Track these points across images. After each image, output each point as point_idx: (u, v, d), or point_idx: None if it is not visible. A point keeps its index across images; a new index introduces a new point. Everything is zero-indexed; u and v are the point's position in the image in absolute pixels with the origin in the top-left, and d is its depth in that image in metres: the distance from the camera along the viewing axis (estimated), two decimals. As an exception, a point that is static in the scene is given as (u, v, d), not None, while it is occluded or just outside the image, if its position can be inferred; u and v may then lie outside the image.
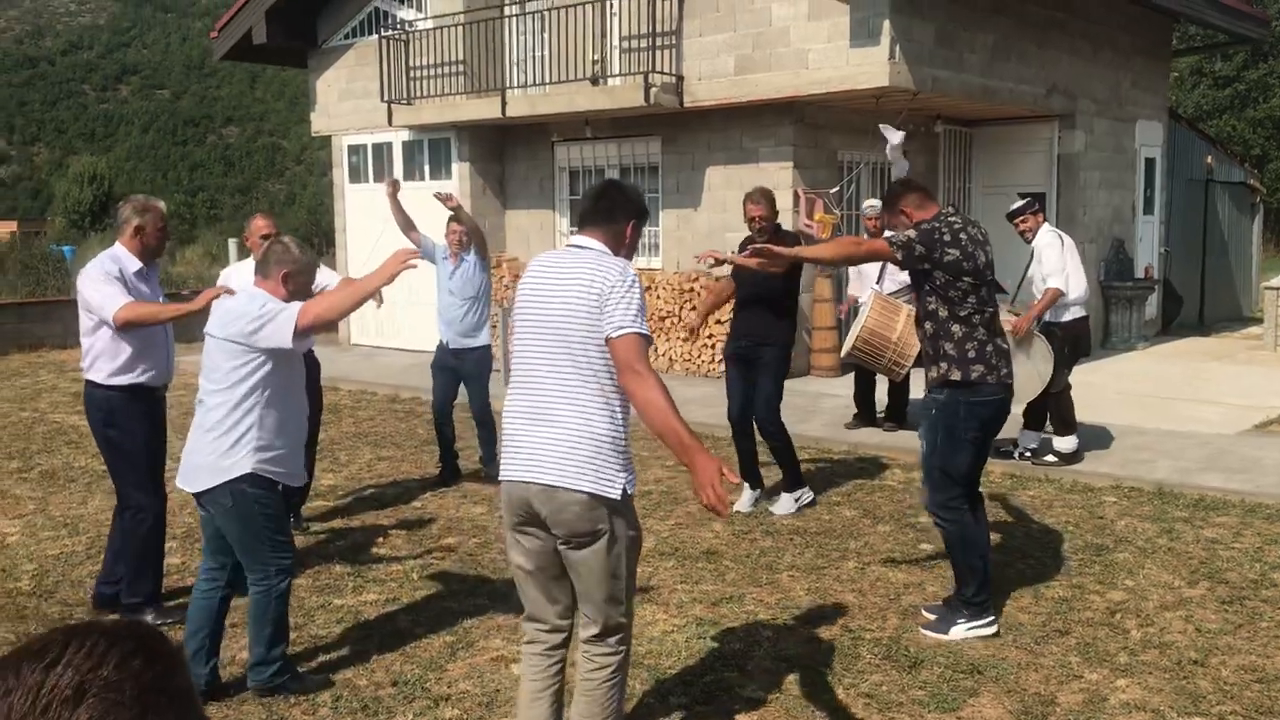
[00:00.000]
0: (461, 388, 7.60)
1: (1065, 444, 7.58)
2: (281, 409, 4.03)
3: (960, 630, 4.72)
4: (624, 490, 3.24)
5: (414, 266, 3.93)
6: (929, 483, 4.87)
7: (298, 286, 4.09)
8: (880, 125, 10.05)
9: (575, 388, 3.20)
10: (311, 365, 6.36)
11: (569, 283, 3.24)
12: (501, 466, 3.33)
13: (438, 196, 7.27)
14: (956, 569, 4.86)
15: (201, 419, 4.04)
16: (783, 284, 6.52)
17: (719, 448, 8.38)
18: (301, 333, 3.87)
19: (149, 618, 4.86)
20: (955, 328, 4.66)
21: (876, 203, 8.91)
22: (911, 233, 4.68)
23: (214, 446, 3.97)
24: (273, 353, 3.93)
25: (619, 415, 3.25)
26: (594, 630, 3.32)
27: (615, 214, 3.41)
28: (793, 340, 6.76)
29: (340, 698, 4.19)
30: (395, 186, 7.22)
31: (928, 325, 4.76)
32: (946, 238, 4.63)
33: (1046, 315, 7.47)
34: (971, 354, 4.64)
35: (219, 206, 73.53)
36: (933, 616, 4.88)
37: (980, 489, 5.00)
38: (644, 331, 3.19)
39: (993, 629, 4.73)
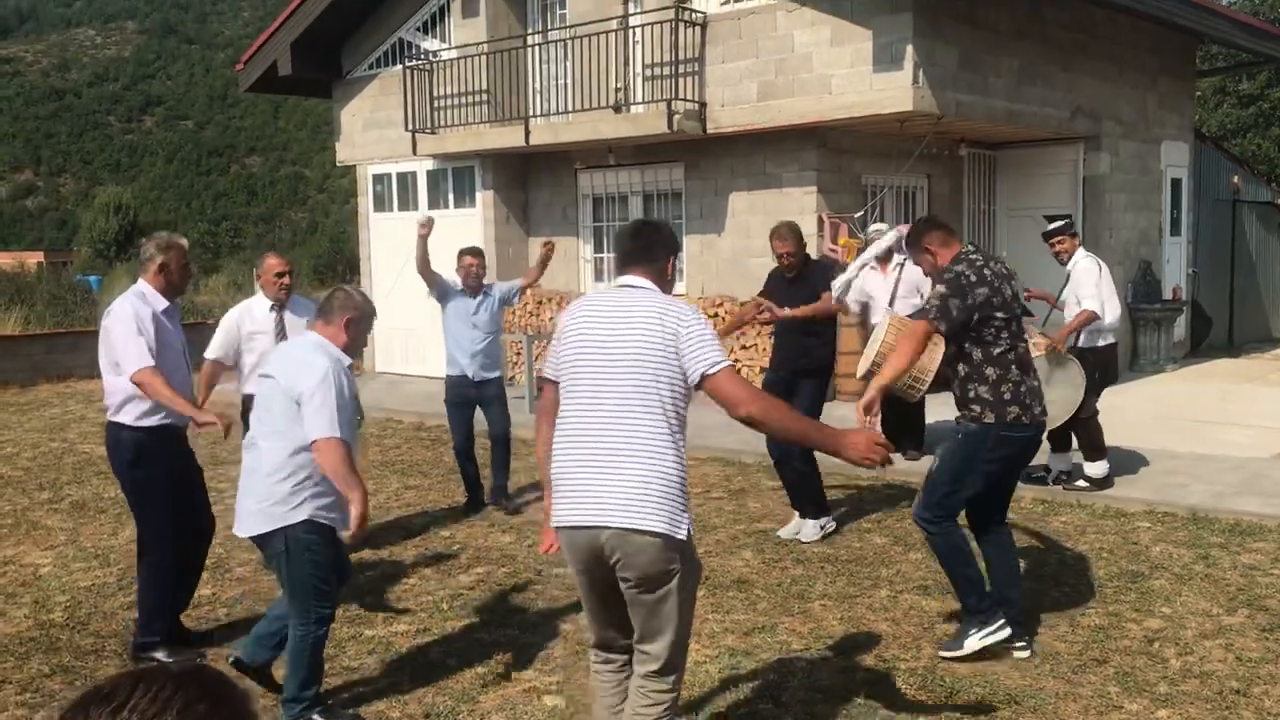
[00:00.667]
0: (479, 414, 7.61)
1: (1096, 469, 7.52)
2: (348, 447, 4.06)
3: (975, 640, 4.67)
4: (689, 530, 3.25)
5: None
6: (924, 493, 4.80)
7: (358, 333, 4.17)
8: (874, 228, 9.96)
9: (646, 428, 3.19)
10: None
11: (635, 323, 3.25)
12: (561, 512, 3.28)
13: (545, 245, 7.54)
14: (954, 582, 4.82)
15: (255, 463, 4.06)
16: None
17: (748, 474, 8.35)
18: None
19: (160, 656, 4.88)
20: (989, 370, 4.62)
21: (883, 226, 8.92)
22: (941, 289, 4.61)
23: (270, 493, 3.99)
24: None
25: (683, 455, 3.28)
26: (654, 667, 3.31)
27: (655, 251, 3.47)
28: (832, 369, 6.78)
29: (373, 731, 4.18)
30: (428, 227, 7.21)
31: (961, 367, 4.70)
32: (973, 278, 4.60)
33: (1081, 340, 7.44)
34: (1007, 395, 4.61)
35: (242, 235, 74.20)
36: (951, 636, 4.89)
37: (1010, 516, 4.96)
38: (731, 362, 3.26)
39: (1006, 632, 4.67)
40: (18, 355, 14.86)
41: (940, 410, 7.76)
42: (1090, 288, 7.37)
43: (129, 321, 4.72)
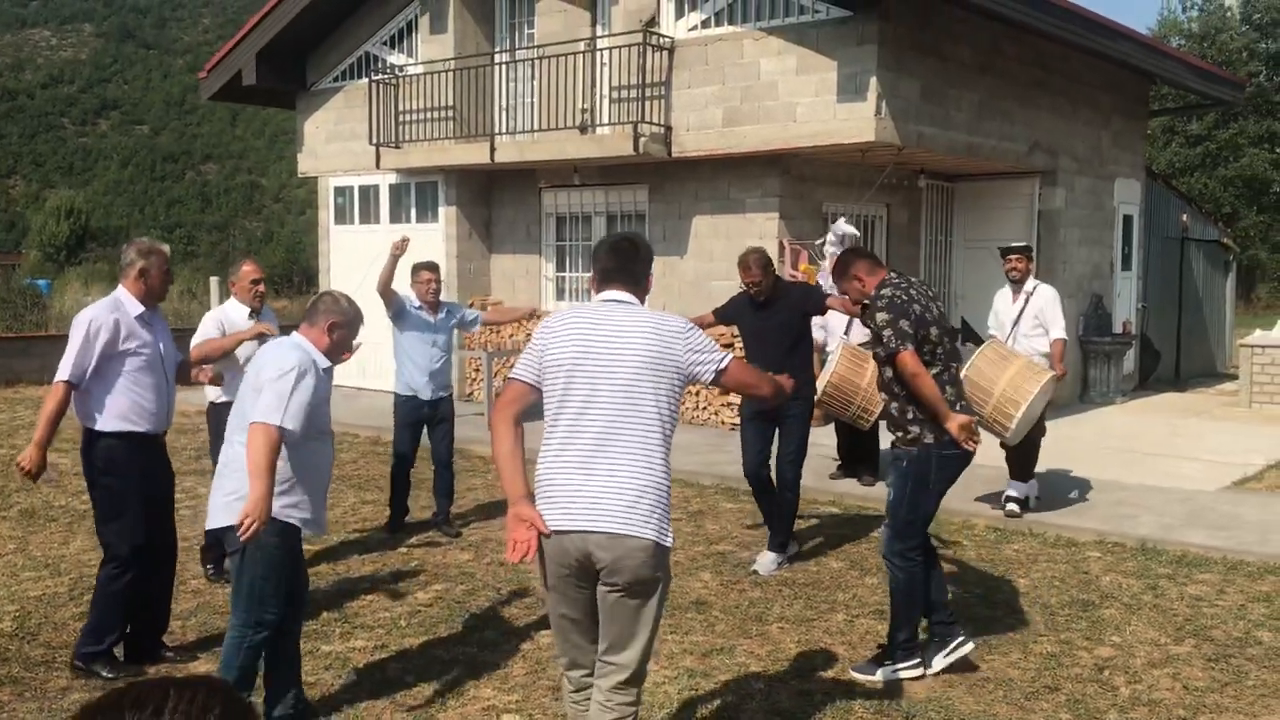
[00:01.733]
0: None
1: (1029, 489, 7.78)
2: (306, 455, 4.07)
3: (887, 672, 4.84)
4: (670, 540, 3.39)
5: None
6: (890, 529, 4.92)
7: (341, 338, 4.21)
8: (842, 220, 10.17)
9: (639, 437, 3.31)
10: None
11: (629, 336, 3.36)
12: (552, 515, 3.31)
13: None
14: (895, 613, 4.94)
15: (230, 460, 4.08)
16: (795, 340, 6.54)
17: (706, 496, 8.39)
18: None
19: (99, 668, 4.79)
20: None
21: (849, 228, 9.02)
22: (883, 316, 4.71)
23: (238, 487, 4.00)
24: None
25: (669, 467, 3.41)
26: (622, 677, 3.37)
27: (637, 267, 3.59)
28: (813, 394, 6.84)
29: (331, 747, 4.15)
30: (403, 248, 7.04)
31: (898, 389, 4.80)
32: (903, 298, 4.74)
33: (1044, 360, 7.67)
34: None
35: (196, 243, 73.33)
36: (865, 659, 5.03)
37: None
38: (733, 355, 3.50)
39: (918, 671, 4.84)
40: (-35, 359, 14.57)
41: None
42: (1059, 316, 7.76)
43: (80, 330, 4.72)
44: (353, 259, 14.18)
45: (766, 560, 6.54)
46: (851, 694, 4.67)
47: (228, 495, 4.05)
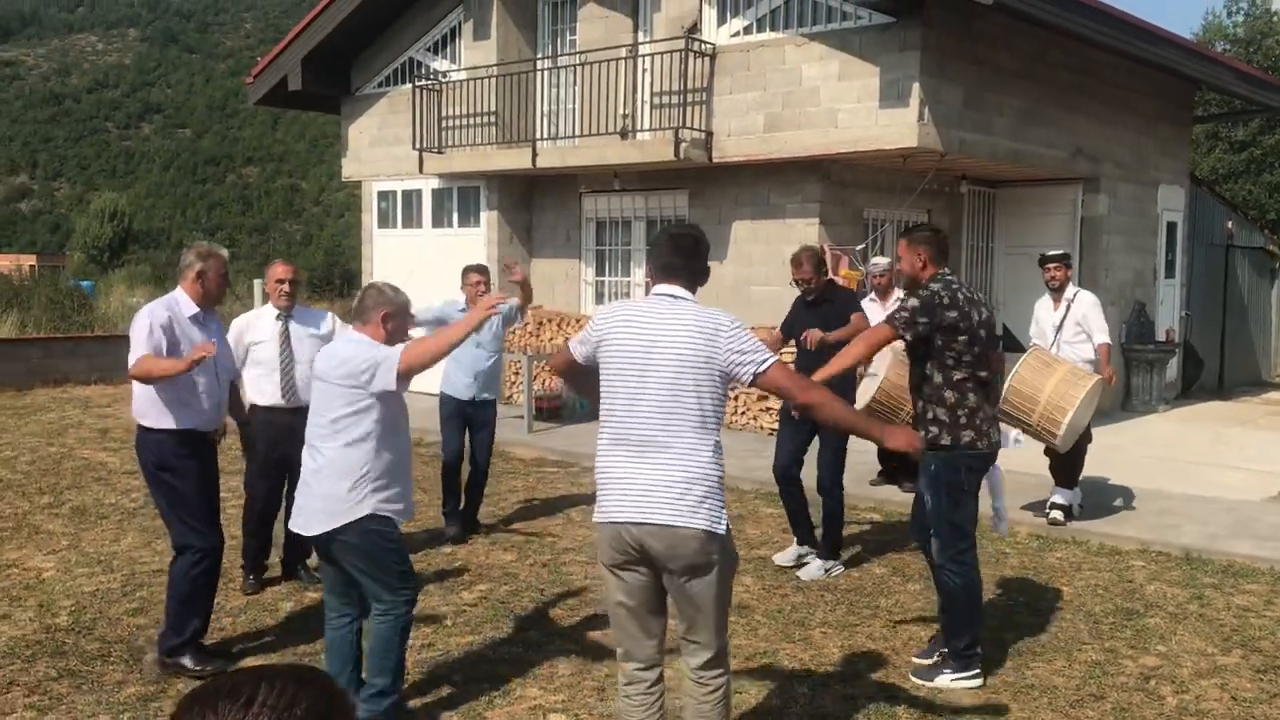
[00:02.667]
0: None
1: (1073, 497, 7.77)
2: (393, 447, 4.15)
3: (945, 680, 4.83)
4: (727, 525, 3.49)
5: (499, 313, 4.15)
6: (937, 537, 4.93)
7: (396, 326, 4.24)
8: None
9: (688, 430, 3.41)
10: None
11: (679, 331, 3.45)
12: (606, 508, 3.47)
13: (506, 265, 7.29)
14: (952, 621, 4.92)
15: (314, 462, 4.13)
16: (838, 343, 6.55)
17: (745, 501, 8.42)
18: (403, 376, 4.01)
19: (186, 662, 4.86)
20: (948, 394, 4.78)
21: (883, 260, 9.01)
22: (913, 302, 4.76)
23: (332, 490, 4.06)
24: (382, 395, 4.06)
25: (722, 455, 3.51)
26: (706, 655, 3.55)
27: (697, 265, 3.68)
28: (854, 401, 6.82)
29: (381, 743, 4.21)
30: (520, 277, 7.11)
31: (924, 389, 4.87)
32: (945, 300, 4.75)
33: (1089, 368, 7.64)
34: (963, 420, 4.77)
35: (237, 245, 74.13)
36: (925, 662, 5.02)
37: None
38: (777, 357, 3.51)
39: (978, 681, 4.84)
40: (14, 359, 14.85)
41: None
42: (1102, 321, 7.79)
43: (141, 326, 4.81)
44: (395, 263, 14.31)
45: (812, 567, 6.56)
46: (895, 699, 4.68)
47: (324, 499, 4.08)
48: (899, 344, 8.21)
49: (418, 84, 13.52)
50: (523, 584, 6.30)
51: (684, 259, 3.63)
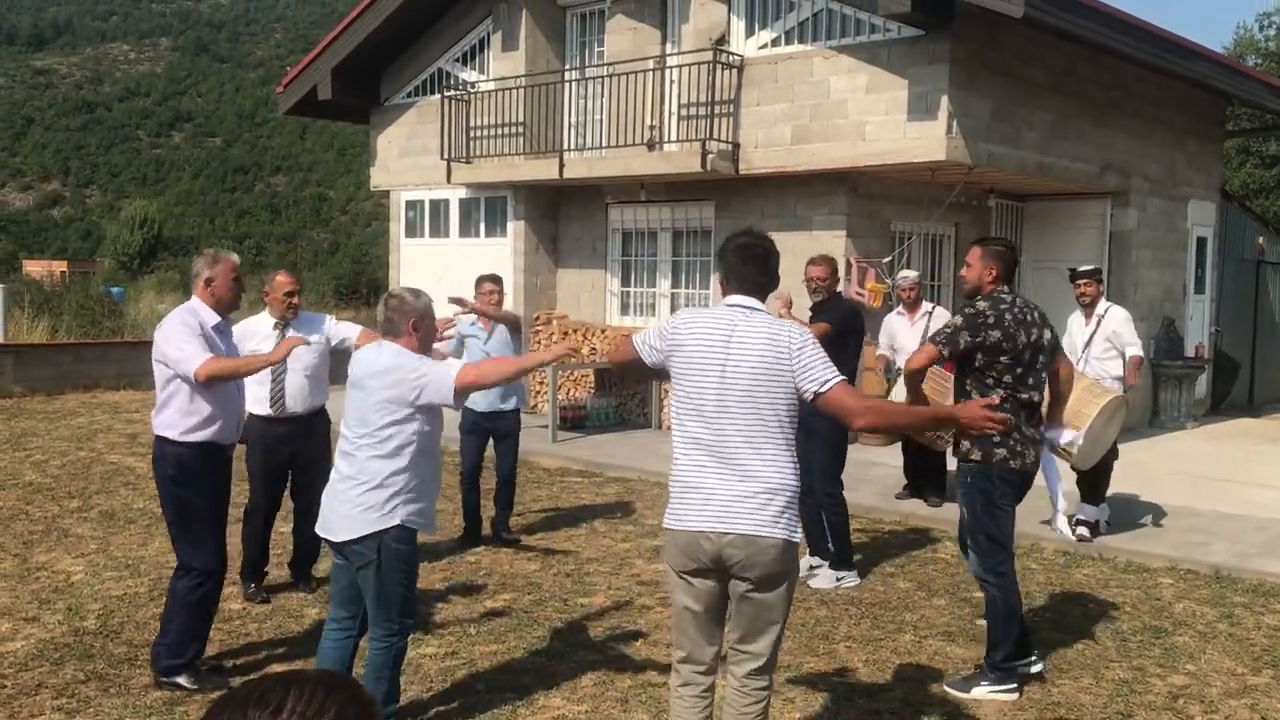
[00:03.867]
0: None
1: (1099, 513, 7.70)
2: (428, 460, 4.17)
3: (983, 691, 4.86)
4: (799, 534, 3.59)
5: (576, 357, 4.23)
6: (975, 550, 4.96)
7: (426, 332, 4.24)
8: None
9: (766, 441, 3.47)
10: (322, 422, 6.24)
11: (755, 344, 3.50)
12: (683, 516, 3.51)
13: (453, 301, 6.80)
14: (993, 632, 4.94)
15: (349, 469, 4.13)
16: (832, 350, 6.53)
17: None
18: (460, 392, 4.05)
19: (183, 681, 4.77)
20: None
21: (911, 273, 8.97)
22: (957, 319, 4.83)
23: (365, 498, 4.07)
24: (428, 409, 4.09)
25: (796, 464, 3.57)
26: (755, 665, 3.61)
27: (769, 277, 3.71)
28: None
29: (405, 751, 4.23)
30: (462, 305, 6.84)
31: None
32: (991, 320, 4.79)
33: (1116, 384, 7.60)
34: (996, 438, 4.77)
35: (265, 253, 74.57)
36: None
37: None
38: (844, 378, 3.57)
39: (1014, 695, 4.86)
40: (45, 364, 15.01)
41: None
42: (1134, 335, 7.80)
43: (179, 329, 4.70)
44: (422, 271, 14.38)
45: (823, 577, 6.55)
46: (919, 714, 4.66)
47: (355, 506, 4.08)
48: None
49: (446, 94, 13.60)
50: (547, 594, 6.30)
51: (756, 269, 3.67)
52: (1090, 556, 7.31)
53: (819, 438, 6.49)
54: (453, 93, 13.63)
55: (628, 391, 12.64)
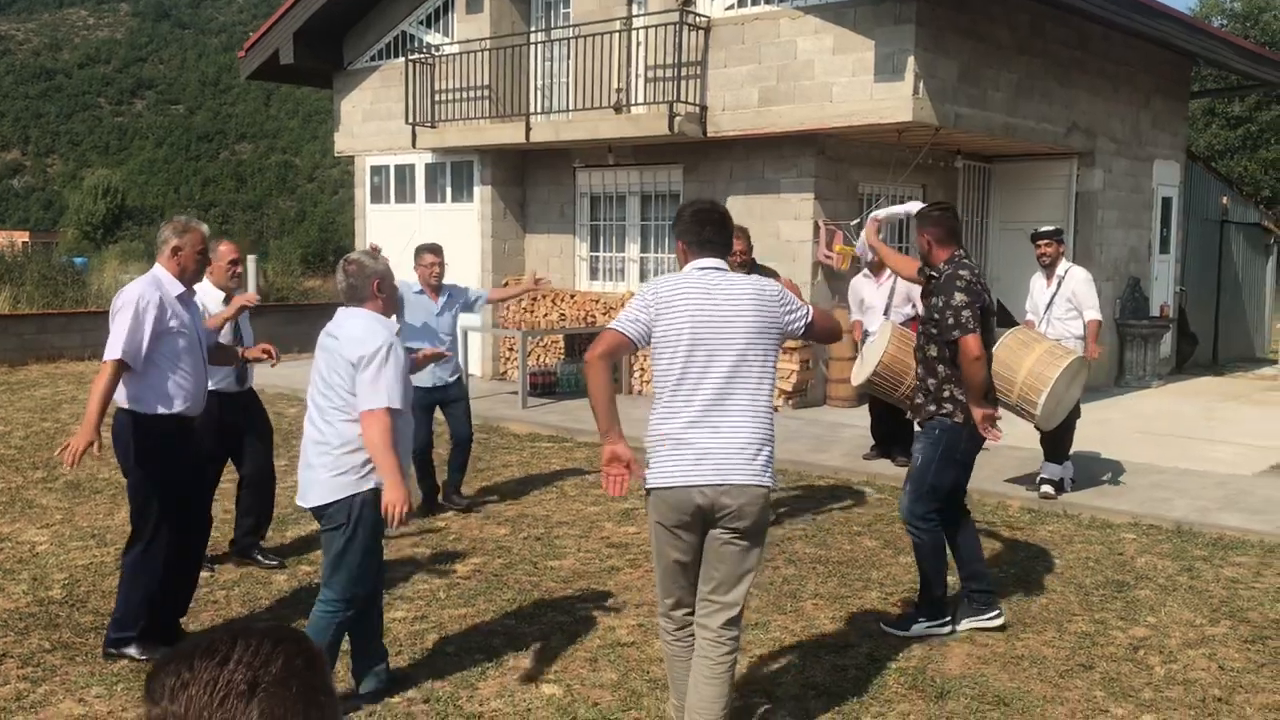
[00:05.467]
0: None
1: (1063, 471, 7.79)
2: (400, 424, 4.14)
3: (920, 628, 5.08)
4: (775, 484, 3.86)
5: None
6: (912, 494, 5.11)
7: (389, 292, 4.27)
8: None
9: (753, 395, 3.67)
10: (253, 402, 6.15)
11: (739, 304, 3.68)
12: (674, 473, 3.63)
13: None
14: (924, 574, 5.17)
15: (319, 434, 4.11)
16: None
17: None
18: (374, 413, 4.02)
19: (132, 651, 4.70)
20: (951, 371, 4.95)
21: (897, 208, 8.98)
22: (960, 296, 4.82)
23: (340, 462, 4.07)
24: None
25: (773, 417, 3.77)
26: (730, 614, 3.74)
27: (728, 238, 3.92)
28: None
29: (373, 713, 4.24)
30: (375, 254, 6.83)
31: (941, 369, 5.00)
32: (977, 286, 4.91)
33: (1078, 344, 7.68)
34: (962, 398, 4.93)
35: (231, 222, 73.91)
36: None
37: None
38: (812, 305, 3.92)
39: (948, 629, 5.08)
40: (7, 334, 14.83)
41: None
42: (1094, 298, 7.81)
43: (129, 308, 4.53)
44: (389, 238, 14.24)
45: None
46: (885, 669, 4.71)
47: (331, 471, 4.06)
48: (896, 318, 8.25)
49: (410, 58, 13.44)
50: (516, 557, 6.32)
51: (715, 231, 3.83)
52: (1055, 514, 7.40)
53: None
54: (417, 56, 13.48)
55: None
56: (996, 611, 5.15)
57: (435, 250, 7.21)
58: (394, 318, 4.97)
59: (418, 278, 7.20)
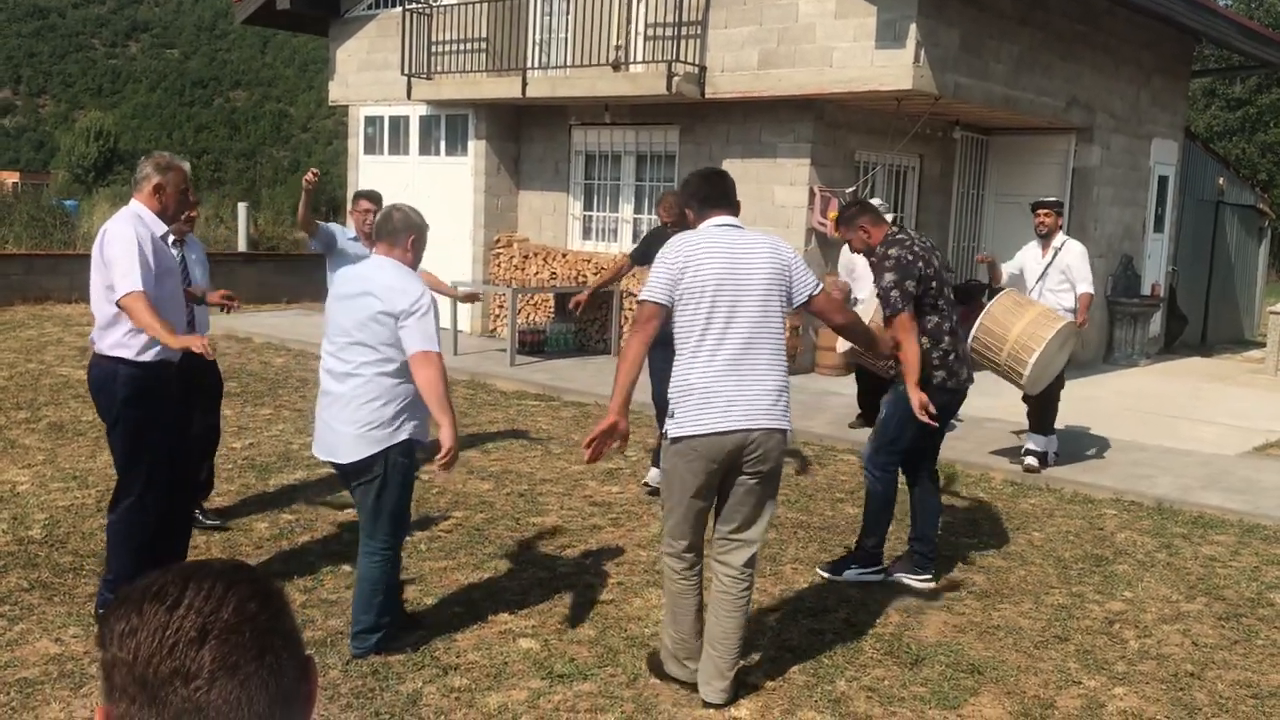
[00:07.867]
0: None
1: (1048, 444, 7.80)
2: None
3: (852, 574, 5.37)
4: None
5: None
6: (875, 442, 5.36)
7: (419, 251, 4.30)
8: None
9: (773, 345, 3.90)
10: (207, 367, 5.58)
11: (758, 257, 3.90)
12: (705, 422, 3.80)
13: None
14: (867, 520, 5.42)
15: (351, 389, 4.08)
16: None
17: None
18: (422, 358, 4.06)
19: None
20: (923, 339, 5.14)
21: (875, 203, 8.94)
22: (891, 276, 5.05)
23: (372, 416, 4.07)
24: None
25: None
26: (752, 551, 4.02)
27: (735, 195, 4.13)
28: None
29: (350, 662, 4.24)
30: (314, 181, 6.61)
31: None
32: (909, 257, 5.10)
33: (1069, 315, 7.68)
34: (935, 362, 5.20)
35: (223, 169, 73.19)
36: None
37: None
38: (823, 285, 4.11)
39: (879, 577, 5.37)
40: (-6, 274, 14.70)
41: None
42: (1087, 271, 7.81)
43: (129, 242, 4.29)
44: (382, 189, 14.10)
45: (652, 474, 6.85)
46: (861, 635, 4.73)
47: (363, 427, 4.05)
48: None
49: (407, 7, 13.27)
50: (499, 513, 6.32)
51: (723, 189, 4.06)
52: (1037, 487, 7.42)
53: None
54: (414, 6, 13.31)
55: (587, 317, 12.59)
56: (930, 575, 5.38)
57: (373, 198, 6.82)
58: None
59: (353, 224, 6.91)
